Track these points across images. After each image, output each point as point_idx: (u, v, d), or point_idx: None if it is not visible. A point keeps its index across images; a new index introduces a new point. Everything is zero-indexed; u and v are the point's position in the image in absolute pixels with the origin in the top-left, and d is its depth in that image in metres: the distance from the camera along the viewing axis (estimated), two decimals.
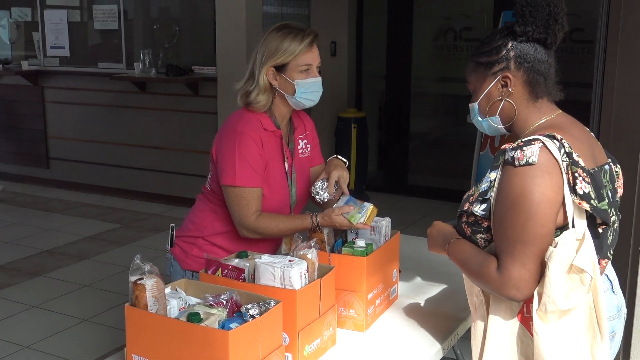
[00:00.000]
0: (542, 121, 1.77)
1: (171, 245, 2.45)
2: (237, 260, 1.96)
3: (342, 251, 2.13)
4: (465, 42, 6.90)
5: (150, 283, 1.65)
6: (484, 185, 1.73)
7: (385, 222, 2.29)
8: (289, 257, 1.88)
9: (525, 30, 1.73)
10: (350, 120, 6.63)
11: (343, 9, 6.91)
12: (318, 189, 2.32)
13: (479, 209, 1.72)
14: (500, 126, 1.84)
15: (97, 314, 4.15)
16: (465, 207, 1.77)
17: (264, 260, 1.87)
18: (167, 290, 1.78)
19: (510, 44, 1.77)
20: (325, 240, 2.21)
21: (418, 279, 2.52)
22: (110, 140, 6.86)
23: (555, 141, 1.64)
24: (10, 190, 7.14)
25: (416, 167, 7.22)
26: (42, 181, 7.37)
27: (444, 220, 2.04)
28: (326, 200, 2.32)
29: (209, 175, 2.40)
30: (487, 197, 1.71)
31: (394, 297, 2.30)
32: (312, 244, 1.90)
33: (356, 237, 2.25)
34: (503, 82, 1.78)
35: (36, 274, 4.80)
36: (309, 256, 1.88)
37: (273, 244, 2.40)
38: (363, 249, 2.11)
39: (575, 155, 1.62)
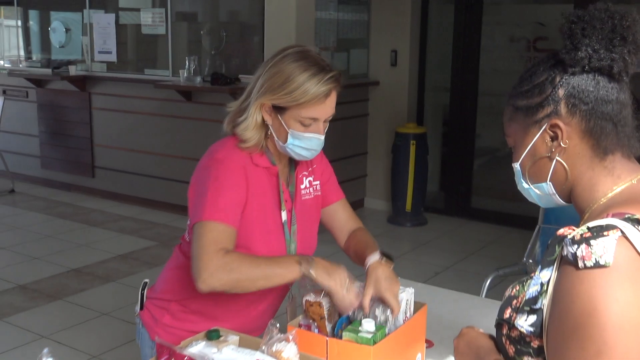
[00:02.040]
0: (617, 190, 1.21)
1: (141, 308, 1.99)
2: (198, 346, 1.49)
3: (344, 335, 1.62)
4: (539, 53, 6.26)
5: None
6: (532, 290, 1.19)
7: (407, 295, 1.76)
8: (257, 355, 1.39)
9: (577, 57, 1.18)
10: (409, 136, 6.07)
11: (406, 15, 6.36)
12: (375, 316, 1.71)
13: (525, 322, 1.18)
14: (554, 195, 1.29)
15: (109, 349, 3.76)
16: (507, 315, 1.23)
17: (225, 356, 1.38)
18: None
19: (558, 79, 1.22)
20: (326, 315, 1.70)
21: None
22: (154, 150, 6.53)
23: (639, 228, 1.09)
24: (55, 199, 6.92)
25: (481, 188, 6.58)
26: (87, 190, 7.12)
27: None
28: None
29: (188, 222, 1.92)
30: (538, 307, 1.17)
31: None
32: (291, 337, 1.40)
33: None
34: (552, 134, 1.23)
35: (56, 297, 4.46)
36: (285, 355, 1.38)
37: (261, 316, 1.90)
38: (370, 335, 1.59)
39: None
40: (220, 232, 1.72)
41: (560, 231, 1.15)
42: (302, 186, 1.97)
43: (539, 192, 1.30)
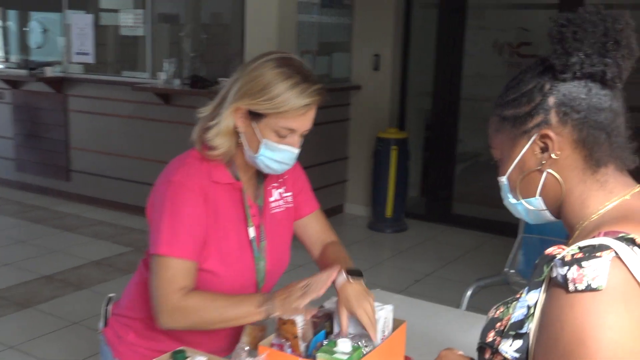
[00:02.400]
0: (610, 206, 1.12)
1: (104, 325, 1.88)
2: None
3: (317, 356, 1.53)
4: (523, 59, 6.22)
5: None
6: (518, 313, 1.10)
7: (385, 312, 1.67)
8: None
9: (569, 62, 1.10)
10: (391, 141, 5.99)
11: (389, 19, 6.28)
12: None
13: (510, 348, 1.09)
14: (544, 210, 1.20)
15: (82, 358, 3.64)
16: (490, 338, 1.14)
17: None
18: None
19: (547, 86, 1.13)
20: (299, 334, 1.60)
21: None
22: (131, 154, 6.40)
23: (634, 249, 1.00)
24: (29, 203, 6.76)
25: (463, 194, 6.52)
26: (62, 194, 6.96)
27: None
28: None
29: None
30: (524, 331, 1.08)
31: None
32: None
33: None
34: (542, 145, 1.15)
35: (25, 305, 4.32)
36: None
37: (230, 334, 1.81)
38: (346, 357, 1.50)
39: None
40: (177, 270, 1.64)
41: (549, 250, 1.07)
42: (272, 199, 1.86)
43: (528, 207, 1.21)
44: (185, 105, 5.93)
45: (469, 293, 3.06)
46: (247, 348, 1.39)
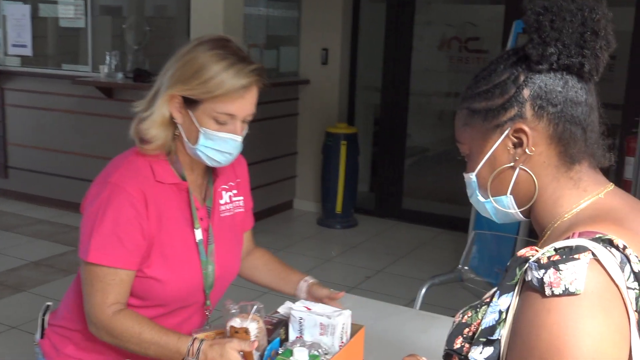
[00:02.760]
0: (583, 205, 1.07)
1: (41, 336, 1.75)
2: None
3: None
4: (471, 53, 6.23)
5: None
6: (489, 318, 1.03)
7: (343, 318, 1.59)
8: None
9: (545, 52, 1.04)
10: (340, 136, 5.93)
11: (337, 12, 6.21)
12: None
13: (480, 355, 1.02)
14: (513, 211, 1.14)
15: None
16: (457, 345, 1.07)
17: None
18: None
19: (522, 77, 1.07)
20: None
21: None
22: (72, 150, 6.18)
23: (612, 250, 0.94)
24: None
25: (412, 189, 6.49)
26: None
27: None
28: None
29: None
30: (495, 338, 1.01)
31: None
32: None
33: (300, 337, 1.57)
34: (515, 140, 1.09)
35: None
36: None
37: None
38: None
39: None
40: (109, 281, 1.53)
41: (521, 252, 1.01)
42: (222, 201, 1.76)
43: (496, 206, 1.14)
44: (128, 100, 5.66)
45: (423, 292, 3.00)
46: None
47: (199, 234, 1.67)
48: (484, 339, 1.02)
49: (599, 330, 0.90)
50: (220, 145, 1.58)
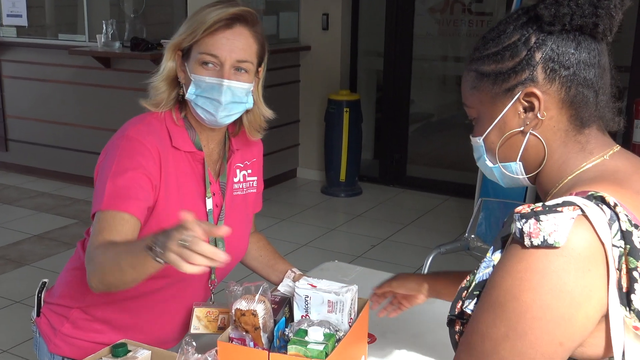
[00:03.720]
0: (587, 167, 1.04)
1: (37, 315, 1.70)
2: None
3: (289, 349, 1.37)
4: (474, 16, 6.10)
5: None
6: (483, 272, 1.02)
7: (351, 294, 1.53)
8: None
9: (558, 13, 0.99)
10: (343, 103, 5.84)
11: None
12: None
13: (475, 306, 1.01)
14: (521, 176, 1.10)
15: (22, 341, 3.44)
16: (459, 310, 1.04)
17: None
18: None
19: (534, 39, 1.02)
20: (260, 325, 1.45)
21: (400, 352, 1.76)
22: (71, 121, 6.10)
23: (603, 207, 0.91)
24: None
25: (416, 156, 6.42)
26: (0, 165, 6.63)
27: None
28: None
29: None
30: None
31: None
32: (210, 358, 1.15)
33: (306, 315, 1.51)
34: (526, 104, 1.04)
35: None
36: None
37: (179, 323, 1.65)
38: (322, 347, 1.36)
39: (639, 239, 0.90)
40: (110, 221, 1.43)
41: (518, 209, 0.97)
42: (235, 179, 1.71)
43: (505, 171, 1.11)
44: (126, 69, 5.65)
45: (429, 261, 2.95)
46: (194, 343, 1.23)
47: (209, 203, 1.62)
48: (478, 292, 1.01)
49: (560, 289, 0.90)
50: (208, 92, 1.53)
